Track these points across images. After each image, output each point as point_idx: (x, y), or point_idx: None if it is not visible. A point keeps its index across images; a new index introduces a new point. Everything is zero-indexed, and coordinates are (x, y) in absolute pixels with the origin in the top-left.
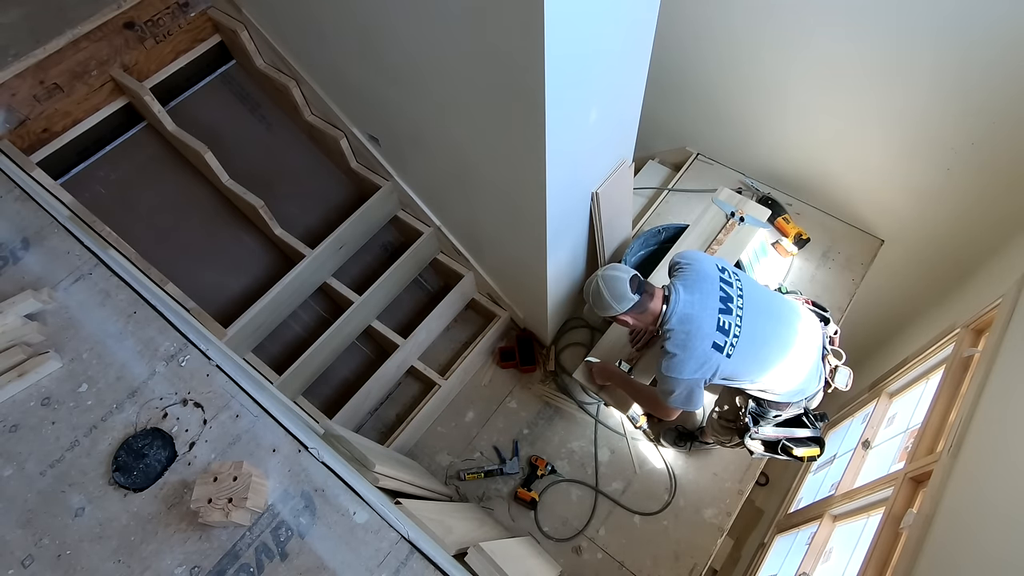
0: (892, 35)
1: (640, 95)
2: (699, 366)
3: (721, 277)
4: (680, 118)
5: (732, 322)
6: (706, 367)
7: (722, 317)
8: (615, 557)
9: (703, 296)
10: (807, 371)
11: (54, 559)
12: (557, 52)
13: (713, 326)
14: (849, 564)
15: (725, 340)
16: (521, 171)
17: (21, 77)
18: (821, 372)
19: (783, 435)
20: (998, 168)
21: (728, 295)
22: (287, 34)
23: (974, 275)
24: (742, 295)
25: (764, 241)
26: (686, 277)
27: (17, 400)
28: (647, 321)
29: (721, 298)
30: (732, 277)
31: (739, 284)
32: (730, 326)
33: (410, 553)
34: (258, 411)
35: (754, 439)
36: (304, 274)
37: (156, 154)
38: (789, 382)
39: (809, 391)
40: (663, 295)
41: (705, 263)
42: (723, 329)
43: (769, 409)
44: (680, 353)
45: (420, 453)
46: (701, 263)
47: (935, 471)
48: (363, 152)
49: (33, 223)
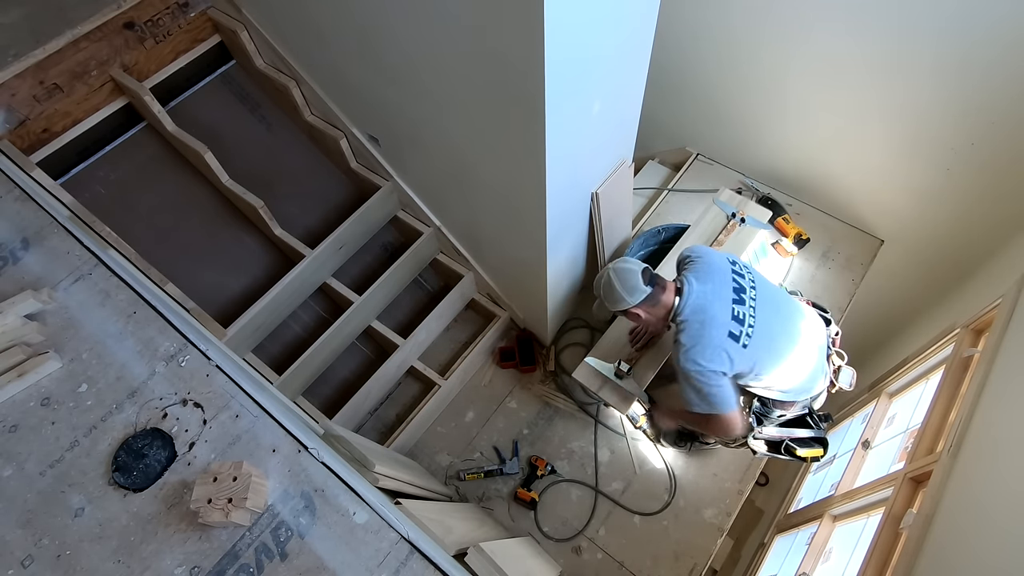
0: (893, 34)
1: (640, 96)
2: (715, 354)
3: (733, 269)
4: (680, 118)
5: (747, 312)
6: (723, 357)
7: (736, 307)
8: (615, 557)
9: (716, 286)
10: (811, 368)
11: (54, 559)
12: (557, 53)
13: (728, 315)
14: (849, 564)
15: (740, 330)
16: (521, 171)
17: (21, 77)
18: (825, 371)
19: (786, 435)
20: (998, 168)
21: (741, 286)
22: (287, 34)
23: (974, 275)
24: (755, 287)
25: (764, 241)
26: (698, 269)
27: (17, 400)
28: (659, 315)
29: (734, 288)
30: (744, 270)
31: (751, 277)
32: (744, 316)
33: (410, 553)
34: (258, 411)
35: (757, 439)
36: (304, 274)
37: (156, 154)
38: (795, 378)
39: (813, 390)
40: (675, 287)
41: (715, 256)
42: (738, 318)
43: (773, 409)
44: (696, 344)
45: (420, 453)
46: (711, 256)
47: (935, 471)
48: (363, 152)
49: (33, 223)
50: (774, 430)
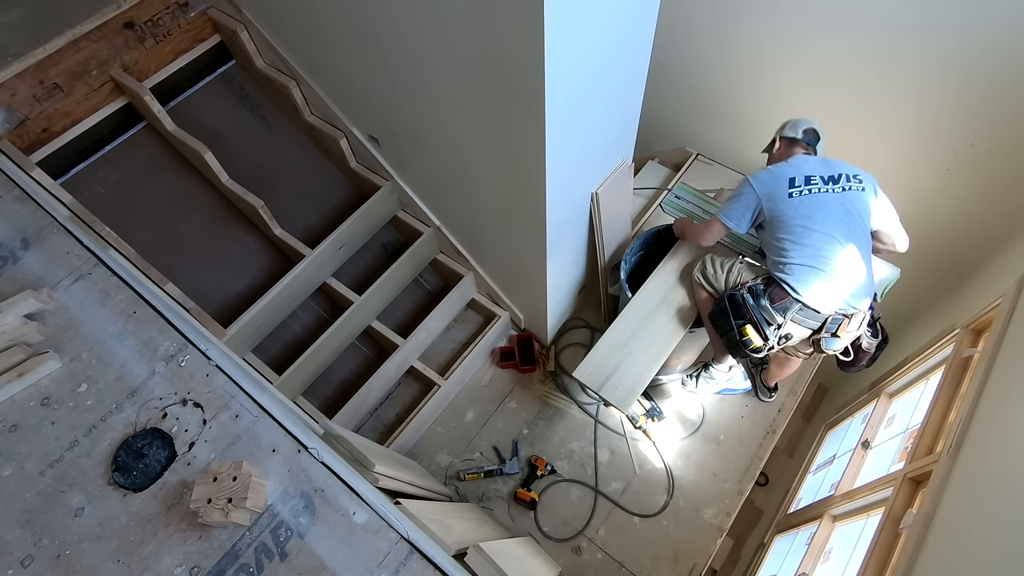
0: (893, 34)
1: (640, 95)
2: (767, 180)
3: (849, 173)
4: (680, 118)
5: (820, 188)
6: (768, 187)
7: (814, 182)
8: (615, 557)
9: (822, 165)
10: (831, 277)
11: (54, 559)
12: (557, 53)
13: (804, 175)
14: (849, 564)
15: (801, 188)
16: (521, 171)
17: (21, 77)
18: (844, 309)
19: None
20: (998, 168)
21: (843, 176)
22: (287, 34)
23: (974, 275)
24: (848, 191)
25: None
26: (823, 160)
27: (17, 400)
28: (776, 158)
29: (836, 177)
30: (854, 180)
31: (859, 187)
32: (813, 183)
33: (410, 553)
34: (258, 411)
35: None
36: (304, 274)
37: (156, 154)
38: (811, 270)
39: (820, 307)
40: (808, 154)
41: (836, 163)
42: (808, 181)
43: (775, 313)
44: (764, 172)
45: (420, 453)
46: (833, 163)
47: (935, 471)
48: (363, 152)
49: (33, 223)
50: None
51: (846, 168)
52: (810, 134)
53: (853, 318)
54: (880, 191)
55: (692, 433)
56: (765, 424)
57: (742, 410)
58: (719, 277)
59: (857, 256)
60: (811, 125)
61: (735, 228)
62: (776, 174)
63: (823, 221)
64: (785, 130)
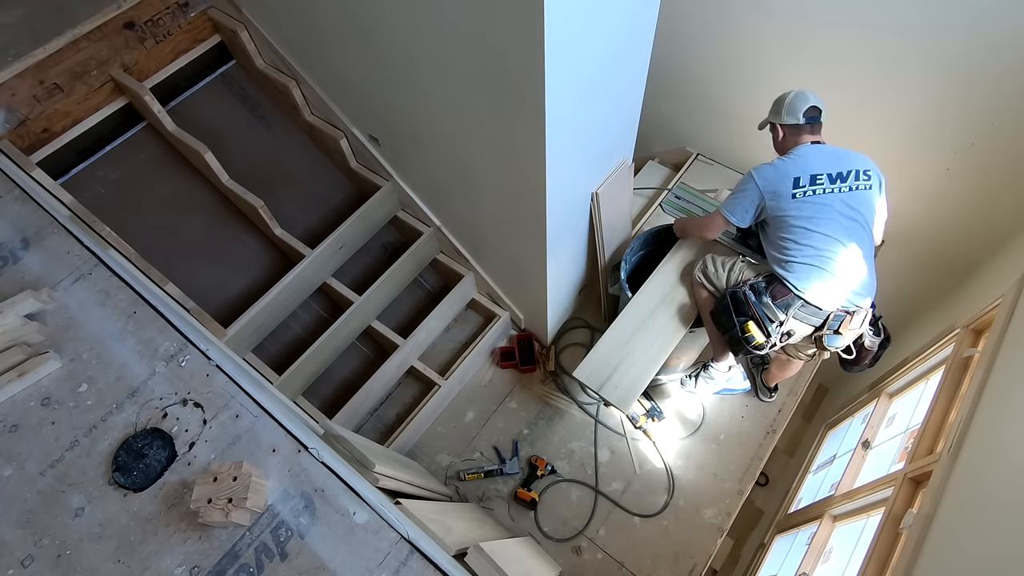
0: (894, 34)
1: (640, 95)
2: (771, 177)
3: (860, 168)
4: (680, 118)
5: (825, 188)
6: (772, 184)
7: (820, 181)
8: (615, 557)
9: (832, 157)
10: (830, 274)
11: (54, 559)
12: (557, 53)
13: (809, 175)
14: (849, 564)
15: (805, 189)
16: (521, 171)
17: (21, 77)
18: (845, 306)
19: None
20: (998, 169)
21: (851, 173)
22: (287, 34)
23: (974, 275)
24: (856, 191)
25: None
26: (834, 149)
27: (17, 400)
28: (780, 144)
29: (844, 173)
30: (863, 178)
31: (867, 184)
32: (819, 184)
33: (410, 553)
34: (258, 411)
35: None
36: (304, 274)
37: (156, 154)
38: (810, 268)
39: (821, 304)
40: (815, 142)
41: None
42: (814, 181)
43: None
44: (769, 166)
45: (420, 453)
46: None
47: (935, 471)
48: (363, 152)
49: (33, 223)
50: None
51: (857, 163)
52: (812, 113)
53: (855, 315)
54: (884, 188)
55: (692, 433)
56: (765, 424)
57: (742, 410)
58: (720, 276)
59: (859, 255)
60: (809, 102)
61: (737, 223)
62: (781, 170)
63: (826, 223)
64: (783, 115)
